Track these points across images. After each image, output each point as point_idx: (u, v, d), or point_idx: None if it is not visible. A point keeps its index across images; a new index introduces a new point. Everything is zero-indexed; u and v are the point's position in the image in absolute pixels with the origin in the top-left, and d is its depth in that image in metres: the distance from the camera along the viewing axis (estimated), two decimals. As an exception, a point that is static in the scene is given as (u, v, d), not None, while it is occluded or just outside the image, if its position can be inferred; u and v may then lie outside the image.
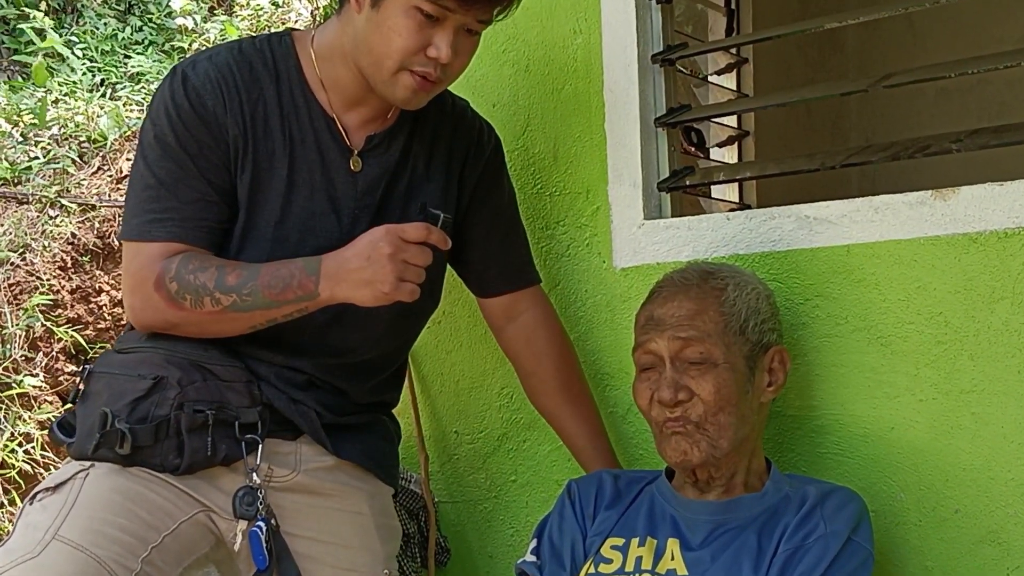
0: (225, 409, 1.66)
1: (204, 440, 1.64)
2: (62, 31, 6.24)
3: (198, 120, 1.68)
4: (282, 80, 1.75)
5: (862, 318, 1.74)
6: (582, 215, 2.11)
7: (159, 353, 1.69)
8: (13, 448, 4.63)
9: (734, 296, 1.64)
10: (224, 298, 1.62)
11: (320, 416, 1.76)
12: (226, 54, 1.74)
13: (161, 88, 1.72)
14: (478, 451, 2.28)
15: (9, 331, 4.80)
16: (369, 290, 1.57)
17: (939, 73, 1.75)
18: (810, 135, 3.60)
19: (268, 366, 1.74)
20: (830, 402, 1.78)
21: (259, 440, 1.68)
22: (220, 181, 1.69)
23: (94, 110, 5.67)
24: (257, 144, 1.71)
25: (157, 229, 1.66)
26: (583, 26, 2.11)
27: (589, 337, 2.10)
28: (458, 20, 1.64)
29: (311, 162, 1.74)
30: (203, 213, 1.68)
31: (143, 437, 1.61)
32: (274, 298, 1.61)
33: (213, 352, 1.70)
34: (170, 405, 1.63)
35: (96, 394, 1.67)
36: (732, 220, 1.90)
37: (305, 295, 1.61)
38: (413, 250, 1.57)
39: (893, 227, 1.70)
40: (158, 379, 1.64)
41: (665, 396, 1.60)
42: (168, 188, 1.67)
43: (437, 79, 1.67)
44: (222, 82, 1.70)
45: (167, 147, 1.67)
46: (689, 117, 2.05)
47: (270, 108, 1.73)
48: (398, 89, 1.67)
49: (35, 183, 5.32)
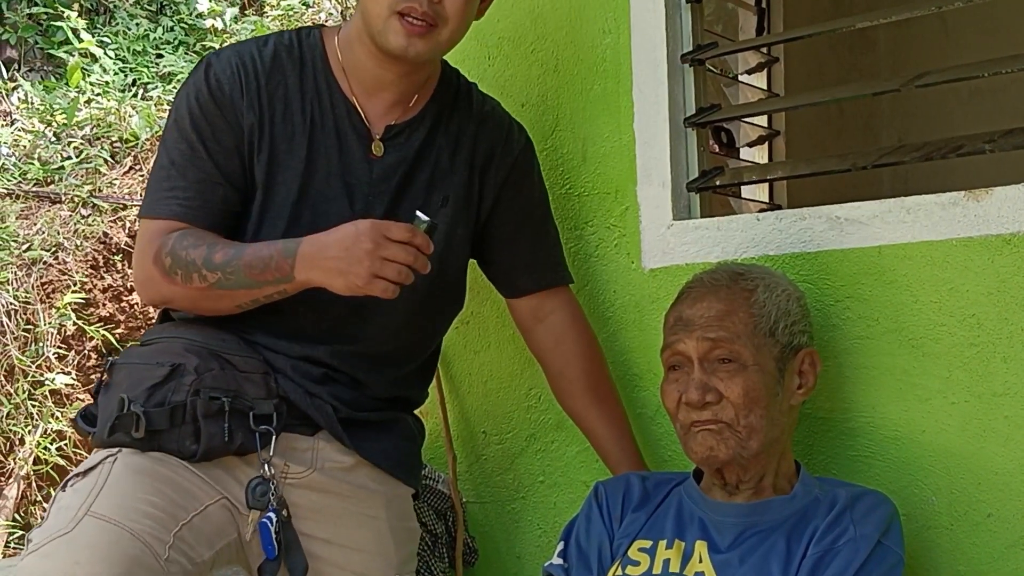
0: (241, 398, 1.68)
1: (221, 426, 1.65)
2: (94, 32, 6.30)
3: (214, 104, 1.73)
4: (306, 67, 1.78)
5: (894, 320, 1.73)
6: (611, 215, 2.11)
7: (178, 342, 1.72)
8: (46, 445, 4.68)
9: (764, 297, 1.63)
10: (210, 275, 1.65)
11: (336, 411, 1.76)
12: (252, 44, 1.80)
13: (188, 76, 1.79)
14: (506, 451, 2.28)
15: (42, 329, 4.84)
16: (342, 280, 1.58)
17: (972, 73, 1.73)
18: (842, 135, 3.57)
19: (285, 358, 1.75)
20: (861, 404, 1.77)
21: (273, 432, 1.69)
22: (229, 164, 1.73)
23: (126, 110, 5.72)
24: (275, 127, 1.74)
25: (161, 206, 1.72)
26: (612, 26, 2.10)
27: (617, 338, 2.09)
28: None
29: (329, 146, 1.76)
30: (207, 193, 1.72)
31: (158, 421, 1.63)
32: (254, 278, 1.63)
33: (231, 342, 1.73)
34: (186, 391, 1.65)
35: (117, 384, 1.70)
36: (762, 221, 1.89)
37: (282, 277, 1.62)
38: (394, 248, 1.56)
39: (925, 228, 1.68)
40: (175, 366, 1.67)
41: (693, 397, 1.59)
42: (178, 168, 1.72)
43: (425, 17, 1.67)
44: (242, 68, 1.74)
45: (182, 130, 1.73)
46: (718, 117, 2.04)
47: (291, 92, 1.76)
48: (391, 35, 1.69)
49: (67, 183, 5.37)
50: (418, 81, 1.81)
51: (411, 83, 1.80)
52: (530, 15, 2.23)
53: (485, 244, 1.95)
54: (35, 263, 5.00)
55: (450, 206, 1.84)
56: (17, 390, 4.73)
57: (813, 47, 3.14)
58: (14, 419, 4.69)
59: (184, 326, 1.76)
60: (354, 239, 1.57)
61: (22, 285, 4.91)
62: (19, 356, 4.75)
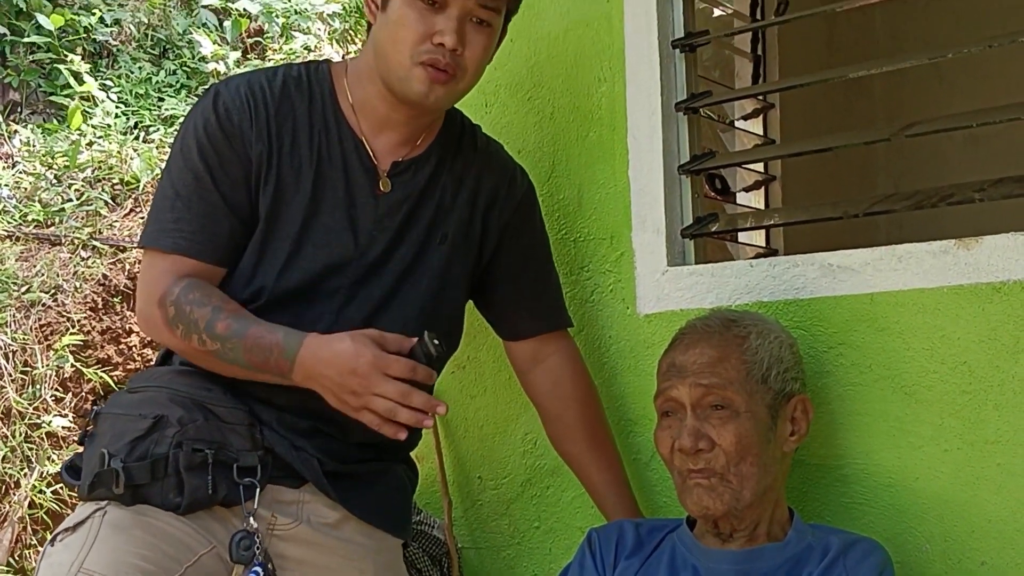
0: (224, 450, 1.67)
1: (204, 479, 1.64)
2: (97, 75, 6.34)
3: (222, 133, 1.72)
4: (315, 100, 1.79)
5: (886, 367, 1.73)
6: (606, 261, 2.12)
7: (163, 392, 1.71)
8: (42, 488, 4.66)
9: (757, 344, 1.64)
10: (210, 343, 1.65)
11: (322, 464, 1.74)
12: (261, 75, 1.80)
13: (196, 104, 1.79)
14: (502, 497, 2.27)
15: (40, 371, 4.84)
16: (335, 400, 1.62)
17: (962, 123, 1.75)
18: (837, 179, 3.59)
19: (272, 410, 1.73)
20: (854, 451, 1.77)
21: (257, 484, 1.67)
22: (235, 195, 1.73)
23: (127, 153, 5.74)
24: (283, 159, 1.75)
25: (165, 238, 1.71)
26: (607, 74, 2.12)
27: (613, 383, 2.09)
28: (460, 5, 1.69)
29: (335, 179, 1.77)
30: (212, 226, 1.72)
31: (139, 475, 1.62)
32: (253, 364, 1.64)
33: (217, 392, 1.72)
34: (169, 443, 1.64)
35: (100, 435, 1.69)
36: (755, 267, 1.90)
37: (279, 375, 1.64)
38: (389, 387, 1.57)
39: (917, 276, 1.69)
40: (158, 418, 1.66)
41: (686, 444, 1.59)
42: (183, 199, 1.71)
43: (447, 68, 1.69)
44: (251, 97, 1.74)
45: (188, 159, 1.73)
46: (712, 165, 2.06)
47: (299, 125, 1.77)
48: (413, 83, 1.70)
49: (68, 225, 5.38)
50: (426, 122, 1.83)
51: (419, 124, 1.82)
52: (527, 64, 2.25)
53: (486, 286, 1.95)
54: (34, 305, 4.99)
55: (448, 243, 1.85)
56: (14, 433, 4.71)
57: (808, 93, 3.16)
58: (10, 462, 4.67)
59: (172, 374, 1.75)
60: (351, 368, 1.58)
61: (20, 327, 4.91)
62: (16, 398, 4.74)
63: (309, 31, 6.33)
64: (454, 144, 1.89)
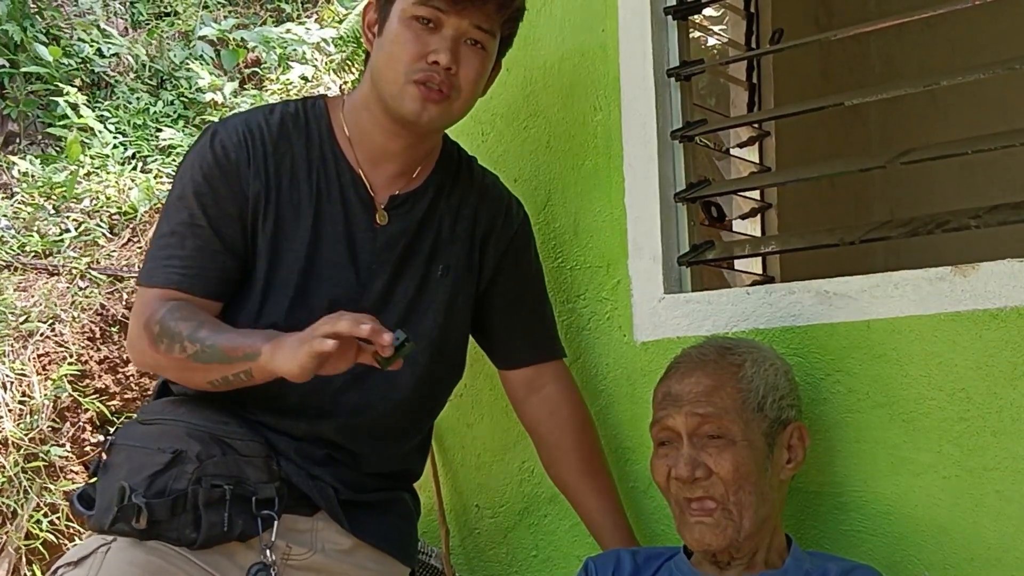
0: (243, 484, 1.67)
1: (221, 515, 1.64)
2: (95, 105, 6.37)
3: (219, 172, 1.73)
4: (312, 136, 1.80)
5: (883, 394, 1.73)
6: (603, 289, 2.12)
7: (179, 426, 1.70)
8: (38, 519, 4.64)
9: (752, 372, 1.63)
10: (190, 346, 1.63)
11: (337, 492, 1.75)
12: (258, 113, 1.81)
13: (194, 144, 1.79)
14: (499, 525, 2.26)
15: (37, 401, 4.83)
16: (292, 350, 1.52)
17: (957, 150, 1.76)
18: (833, 206, 3.60)
19: (288, 440, 1.74)
20: (852, 479, 1.77)
21: (275, 516, 1.67)
22: (231, 233, 1.73)
23: (125, 183, 5.76)
24: (281, 196, 1.75)
25: (158, 274, 1.72)
26: (603, 103, 2.13)
27: (609, 411, 2.09)
28: (455, 25, 1.71)
29: (335, 214, 1.77)
30: (205, 262, 1.72)
31: (160, 512, 1.61)
32: (227, 352, 1.60)
33: (233, 425, 1.71)
34: (188, 479, 1.63)
35: (116, 467, 1.69)
36: (752, 295, 1.90)
37: (251, 353, 1.58)
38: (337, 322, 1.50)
39: (913, 303, 1.69)
40: (177, 453, 1.65)
41: (682, 473, 1.59)
42: (177, 237, 1.72)
43: (442, 86, 1.71)
44: (248, 136, 1.75)
45: (184, 198, 1.74)
46: (708, 193, 2.07)
47: (298, 162, 1.77)
48: (407, 101, 1.71)
49: (66, 255, 5.39)
50: (422, 153, 1.84)
51: (416, 154, 1.83)
52: (523, 92, 2.26)
53: (482, 315, 1.96)
54: (32, 335, 5.00)
55: (451, 276, 1.86)
56: (11, 463, 4.70)
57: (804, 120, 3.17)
58: (7, 492, 4.65)
59: (186, 406, 1.74)
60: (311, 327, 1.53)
61: (18, 357, 4.91)
62: (13, 429, 4.73)
63: (306, 61, 6.36)
64: (451, 176, 1.89)
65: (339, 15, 6.64)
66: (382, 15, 1.76)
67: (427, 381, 1.84)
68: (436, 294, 1.84)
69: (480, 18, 1.72)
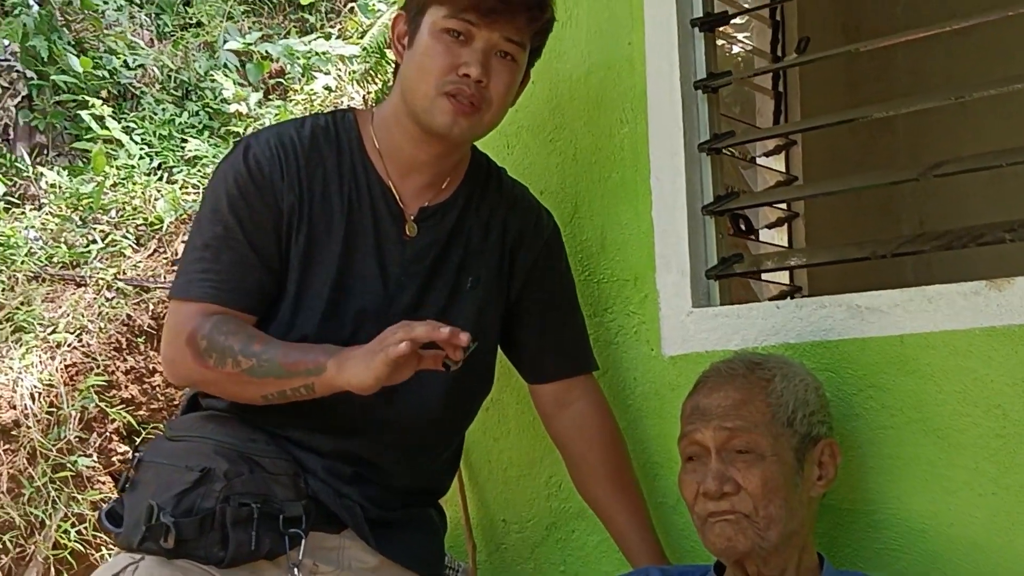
0: (270, 502, 1.66)
1: (248, 533, 1.63)
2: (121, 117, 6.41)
3: (252, 185, 1.73)
4: (343, 148, 1.80)
5: (917, 410, 1.71)
6: (630, 302, 2.10)
7: (207, 443, 1.70)
8: (66, 529, 4.66)
9: (781, 387, 1.61)
10: (245, 361, 1.63)
11: (365, 511, 1.75)
12: (289, 126, 1.81)
13: (226, 157, 1.79)
14: (526, 540, 2.25)
15: (64, 412, 4.86)
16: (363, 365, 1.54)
17: (991, 162, 1.73)
18: (861, 216, 3.57)
19: (317, 458, 1.74)
20: (886, 496, 1.74)
21: (302, 534, 1.67)
22: (265, 246, 1.73)
23: (151, 194, 5.79)
24: (314, 208, 1.75)
25: (194, 288, 1.71)
26: (629, 115, 2.12)
27: (637, 426, 2.07)
28: (485, 37, 1.70)
29: (365, 226, 1.77)
30: (241, 276, 1.72)
31: (188, 531, 1.61)
32: (287, 367, 1.61)
33: (261, 442, 1.71)
34: (216, 498, 1.63)
35: (144, 484, 1.69)
36: (782, 309, 1.88)
37: (315, 368, 1.59)
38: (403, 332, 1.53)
39: (947, 317, 1.67)
40: (205, 471, 1.65)
41: (711, 487, 1.57)
42: (212, 251, 1.72)
43: (472, 99, 1.71)
44: (281, 149, 1.75)
45: (218, 211, 1.73)
46: (736, 205, 2.05)
47: (329, 175, 1.77)
48: (437, 114, 1.71)
49: (93, 266, 5.42)
50: (451, 164, 1.84)
51: (445, 165, 1.82)
52: (548, 105, 2.25)
53: (512, 328, 1.95)
54: (60, 346, 5.03)
55: (480, 287, 1.85)
56: (39, 473, 4.73)
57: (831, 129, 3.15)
58: (35, 502, 4.68)
59: (214, 423, 1.74)
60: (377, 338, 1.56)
61: (46, 368, 4.94)
62: (41, 439, 4.76)
63: (330, 72, 6.38)
64: (480, 187, 1.89)
65: (362, 26, 6.66)
66: (412, 27, 1.75)
67: (456, 395, 1.83)
68: (465, 306, 1.84)
69: (511, 31, 1.72)
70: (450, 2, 1.69)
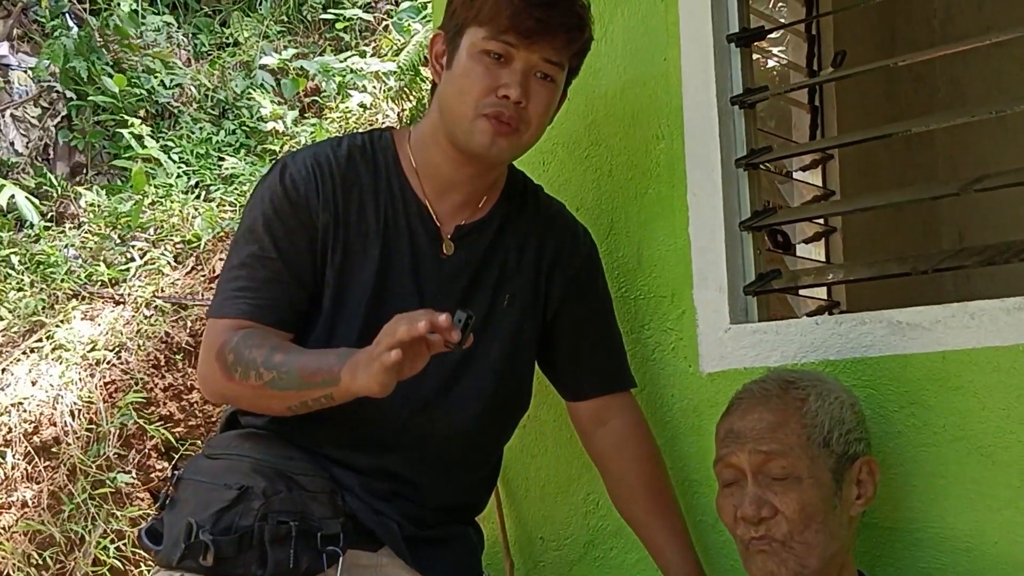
0: (308, 520, 1.66)
1: (286, 552, 1.63)
2: (159, 136, 6.47)
3: (289, 205, 1.74)
4: (379, 168, 1.81)
5: (960, 427, 1.69)
6: (667, 319, 2.09)
7: (245, 461, 1.71)
8: (105, 545, 4.69)
9: (816, 407, 1.60)
10: (266, 373, 1.63)
11: (401, 528, 1.75)
12: (326, 146, 1.82)
13: (263, 178, 1.81)
14: (564, 558, 2.24)
15: (104, 429, 4.90)
16: (365, 371, 1.52)
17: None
18: (899, 229, 3.54)
19: (354, 475, 1.74)
20: (929, 514, 1.72)
21: (340, 552, 1.67)
22: (300, 265, 1.74)
23: (189, 212, 5.84)
24: (349, 227, 1.76)
25: (229, 306, 1.73)
26: (665, 131, 2.11)
27: (676, 443, 2.06)
28: (525, 59, 1.71)
29: (401, 245, 1.78)
30: (275, 293, 1.73)
31: (226, 549, 1.62)
32: (305, 379, 1.61)
33: (299, 460, 1.72)
34: (254, 516, 1.64)
35: (183, 502, 1.70)
36: (821, 325, 1.86)
37: (330, 379, 1.58)
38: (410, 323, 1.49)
39: (990, 333, 1.65)
40: (243, 489, 1.66)
41: (748, 512, 1.55)
42: (248, 269, 1.73)
43: (511, 120, 1.71)
44: (317, 169, 1.76)
45: (254, 230, 1.75)
46: (774, 221, 2.04)
47: (366, 194, 1.78)
48: (476, 135, 1.71)
49: (131, 284, 5.47)
50: (488, 183, 1.84)
51: (482, 184, 1.83)
52: (584, 122, 2.25)
53: (550, 346, 1.95)
54: (99, 363, 5.07)
55: (517, 306, 1.85)
56: (78, 489, 4.77)
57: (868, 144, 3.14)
58: (74, 519, 4.72)
59: (252, 440, 1.75)
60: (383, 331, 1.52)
61: (86, 385, 4.98)
62: (81, 456, 4.80)
63: (365, 89, 6.41)
64: (517, 205, 1.89)
65: (397, 44, 6.69)
66: (451, 47, 1.76)
67: (493, 411, 1.83)
68: (502, 324, 1.84)
69: (550, 52, 1.72)
70: (490, 23, 1.70)
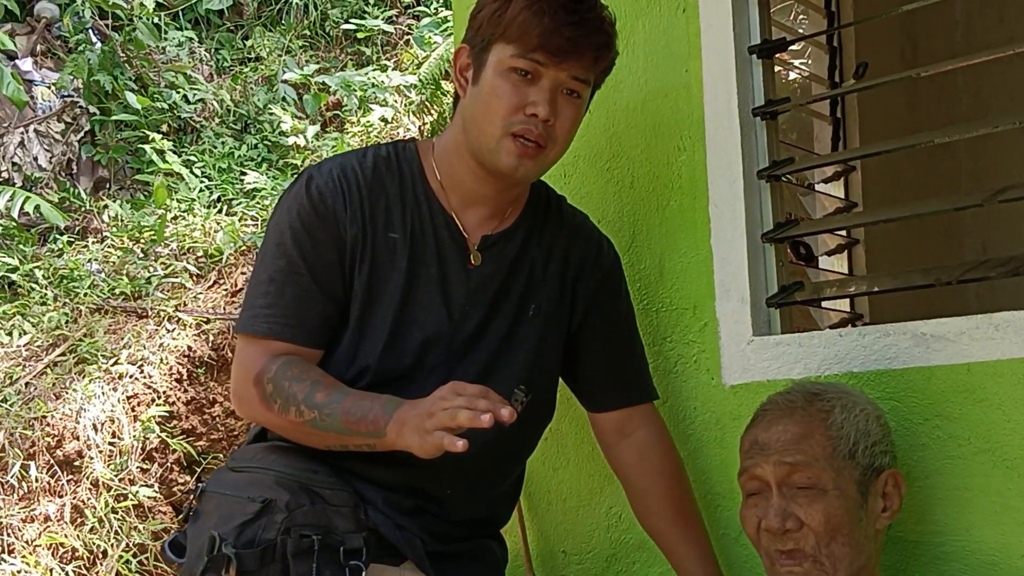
0: (331, 534, 1.66)
1: (309, 566, 1.63)
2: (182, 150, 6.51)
3: (316, 217, 1.74)
4: (404, 179, 1.81)
5: (986, 439, 1.67)
6: (690, 331, 2.09)
7: (270, 474, 1.71)
8: (127, 559, 4.71)
9: (841, 419, 1.59)
10: (307, 412, 1.64)
11: (425, 543, 1.75)
12: (352, 157, 1.82)
13: (288, 189, 1.80)
14: (586, 572, 2.23)
15: (126, 443, 4.91)
16: (417, 436, 1.53)
17: (1057, 186, 1.70)
18: (923, 241, 3.52)
19: (377, 490, 1.74)
20: (954, 527, 1.71)
21: (363, 566, 1.66)
22: (329, 279, 1.74)
23: (211, 226, 5.87)
24: (377, 238, 1.76)
25: (260, 324, 1.72)
26: (687, 143, 2.11)
27: (698, 456, 2.05)
28: (553, 76, 1.70)
29: (428, 256, 1.78)
30: (305, 310, 1.73)
31: (249, 562, 1.62)
32: (348, 426, 1.62)
33: (322, 473, 1.72)
34: (277, 529, 1.64)
35: (207, 514, 1.70)
36: (845, 337, 1.85)
37: (375, 431, 1.60)
38: (458, 399, 1.51)
39: (1015, 345, 1.64)
40: (266, 502, 1.66)
41: (773, 524, 1.55)
42: (275, 284, 1.73)
43: (539, 139, 1.70)
44: (344, 180, 1.76)
45: (282, 245, 1.74)
46: (796, 232, 2.03)
47: (392, 204, 1.78)
48: (503, 155, 1.71)
49: (154, 297, 5.50)
50: (513, 196, 1.84)
51: (507, 197, 1.83)
52: (605, 134, 2.25)
53: (573, 357, 1.94)
54: (122, 377, 5.09)
55: (542, 316, 1.85)
56: (101, 503, 4.79)
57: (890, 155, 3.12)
58: (97, 532, 4.73)
59: (276, 454, 1.75)
60: (432, 398, 1.54)
61: (108, 399, 5.00)
62: (103, 470, 4.82)
63: (386, 103, 6.43)
64: (541, 216, 1.89)
65: (418, 58, 6.72)
66: (477, 62, 1.75)
67: (517, 424, 1.81)
68: (527, 335, 1.83)
69: (579, 70, 1.72)
70: (519, 40, 1.69)
